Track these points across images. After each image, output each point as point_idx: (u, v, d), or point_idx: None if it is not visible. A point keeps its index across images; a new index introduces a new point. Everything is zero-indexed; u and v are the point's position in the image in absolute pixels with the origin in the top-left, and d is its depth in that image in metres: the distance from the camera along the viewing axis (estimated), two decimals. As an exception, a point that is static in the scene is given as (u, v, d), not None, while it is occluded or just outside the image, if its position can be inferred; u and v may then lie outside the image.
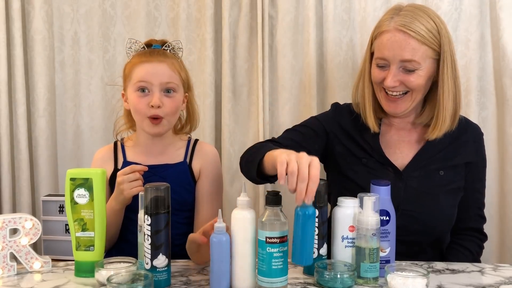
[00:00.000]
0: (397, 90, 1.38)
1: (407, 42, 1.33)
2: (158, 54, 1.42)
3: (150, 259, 1.11)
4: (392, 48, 1.35)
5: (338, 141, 1.49)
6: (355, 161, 1.45)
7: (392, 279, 1.11)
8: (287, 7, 1.96)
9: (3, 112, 2.00)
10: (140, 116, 1.41)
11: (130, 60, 1.44)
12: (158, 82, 1.38)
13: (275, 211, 1.08)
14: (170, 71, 1.41)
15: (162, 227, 1.11)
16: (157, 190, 1.11)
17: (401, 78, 1.36)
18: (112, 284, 1.05)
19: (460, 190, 1.44)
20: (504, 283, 1.17)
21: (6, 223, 1.22)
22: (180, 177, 1.45)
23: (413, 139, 1.47)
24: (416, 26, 1.34)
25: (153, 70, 1.39)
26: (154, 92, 1.38)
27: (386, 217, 1.19)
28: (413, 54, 1.33)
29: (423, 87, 1.38)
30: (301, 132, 1.49)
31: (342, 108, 1.56)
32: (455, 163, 1.43)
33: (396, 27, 1.35)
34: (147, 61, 1.40)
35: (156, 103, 1.37)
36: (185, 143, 1.51)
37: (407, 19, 1.35)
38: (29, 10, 2.02)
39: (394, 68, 1.36)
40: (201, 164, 1.47)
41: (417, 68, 1.35)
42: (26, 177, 2.03)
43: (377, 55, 1.39)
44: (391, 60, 1.36)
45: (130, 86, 1.41)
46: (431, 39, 1.35)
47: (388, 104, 1.41)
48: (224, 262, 1.08)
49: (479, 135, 1.50)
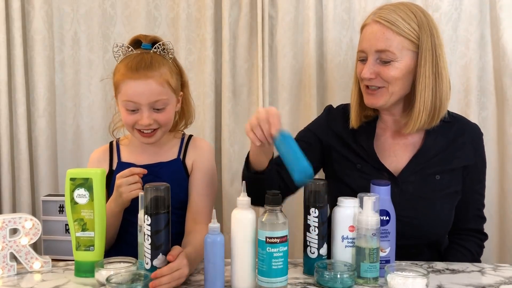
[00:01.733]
0: (374, 83, 1.38)
1: (382, 32, 1.35)
2: (145, 68, 1.33)
3: (150, 259, 1.11)
4: (369, 39, 1.37)
5: (333, 147, 1.49)
6: (350, 166, 1.45)
7: (392, 279, 1.11)
8: (287, 7, 1.96)
9: (3, 112, 2.00)
10: (129, 128, 1.39)
11: (118, 67, 1.39)
12: (146, 102, 1.33)
13: (275, 211, 1.08)
14: (159, 87, 1.34)
15: (162, 227, 1.11)
16: (157, 190, 1.10)
17: (377, 70, 1.36)
18: (111, 284, 1.05)
19: (457, 194, 1.43)
20: (504, 283, 1.17)
21: (6, 223, 1.22)
22: (174, 175, 1.43)
23: (408, 142, 1.45)
24: (392, 17, 1.35)
25: (140, 89, 1.32)
26: (143, 112, 1.34)
27: (386, 217, 1.19)
28: (387, 44, 1.34)
29: (400, 80, 1.37)
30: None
31: (335, 112, 1.55)
32: (452, 167, 1.42)
33: (374, 19, 1.38)
34: (133, 78, 1.32)
35: (145, 123, 1.34)
36: (179, 141, 1.49)
37: (386, 11, 1.37)
38: (29, 10, 2.02)
39: (371, 60, 1.37)
40: (194, 157, 1.45)
41: (392, 59, 1.35)
42: (26, 177, 2.03)
43: (358, 48, 1.42)
44: (368, 51, 1.37)
45: (119, 98, 1.38)
46: (408, 31, 1.34)
47: (367, 97, 1.41)
48: (218, 263, 1.08)
49: (478, 135, 1.48)
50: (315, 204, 1.18)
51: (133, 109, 1.35)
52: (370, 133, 1.46)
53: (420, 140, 1.45)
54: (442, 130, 1.43)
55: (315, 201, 1.18)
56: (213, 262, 1.08)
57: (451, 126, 1.45)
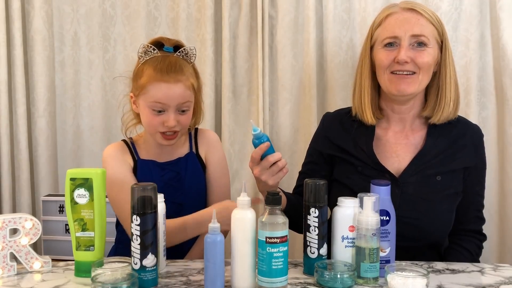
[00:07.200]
0: (407, 68, 1.38)
1: (417, 18, 1.39)
2: (175, 71, 1.37)
3: (139, 259, 1.11)
4: (402, 24, 1.39)
5: (333, 155, 1.50)
6: (351, 170, 1.45)
7: (392, 279, 1.11)
8: (287, 7, 1.96)
9: (3, 112, 2.00)
10: (152, 131, 1.41)
11: (142, 68, 1.40)
12: (175, 104, 1.37)
13: (275, 211, 1.08)
14: (186, 90, 1.39)
15: (150, 227, 1.11)
16: (144, 190, 1.11)
17: (411, 55, 1.38)
18: (96, 284, 1.05)
19: (458, 195, 1.43)
20: (504, 283, 1.17)
21: (6, 223, 1.22)
22: (192, 168, 1.49)
23: (410, 142, 1.45)
24: (422, 6, 1.42)
25: (170, 92, 1.36)
26: (169, 113, 1.37)
27: (386, 217, 1.19)
28: (422, 29, 1.38)
29: (430, 68, 1.41)
30: (305, 173, 1.55)
31: (330, 119, 1.56)
32: (453, 168, 1.42)
33: (404, 7, 1.42)
34: (164, 81, 1.36)
35: (172, 124, 1.37)
36: (187, 135, 1.54)
37: (413, 3, 1.42)
38: (29, 10, 2.02)
39: (405, 44, 1.38)
40: (206, 150, 1.53)
41: (427, 43, 1.39)
42: (26, 177, 2.03)
43: (386, 35, 1.41)
44: (402, 36, 1.38)
45: (144, 100, 1.39)
46: (437, 22, 1.41)
47: (398, 83, 1.39)
48: (218, 262, 1.08)
49: (479, 136, 1.48)
50: (315, 204, 1.18)
51: (159, 110, 1.38)
52: (369, 135, 1.46)
53: (421, 141, 1.45)
54: (444, 131, 1.43)
55: (315, 201, 1.18)
56: (213, 262, 1.08)
57: (453, 127, 1.45)
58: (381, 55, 1.41)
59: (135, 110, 1.47)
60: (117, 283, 1.08)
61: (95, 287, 1.05)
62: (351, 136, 1.47)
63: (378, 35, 1.44)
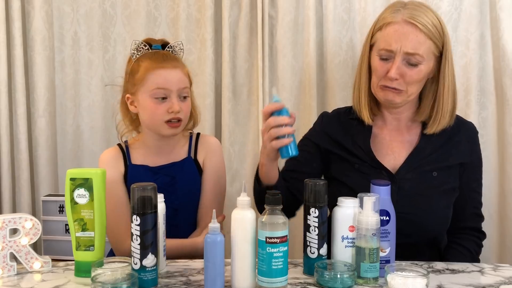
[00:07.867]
0: (395, 86, 1.38)
1: (415, 34, 1.35)
2: (171, 59, 1.43)
3: (139, 259, 1.11)
4: (399, 39, 1.36)
5: (330, 151, 1.50)
6: (349, 167, 1.46)
7: (392, 279, 1.11)
8: (287, 7, 1.96)
9: (3, 112, 2.00)
10: (157, 121, 1.42)
11: (140, 62, 1.43)
12: (176, 89, 1.41)
13: (275, 211, 1.08)
14: (184, 76, 1.44)
15: (150, 227, 1.11)
16: (144, 190, 1.11)
17: (403, 72, 1.37)
18: (96, 284, 1.06)
19: (454, 190, 1.44)
20: (504, 283, 1.17)
21: (6, 223, 1.22)
22: (187, 173, 1.48)
23: (405, 139, 1.47)
24: (423, 20, 1.36)
25: (169, 76, 1.40)
26: (172, 98, 1.40)
27: (386, 217, 1.19)
28: (417, 47, 1.35)
29: (419, 82, 1.40)
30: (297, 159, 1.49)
31: (330, 116, 1.57)
32: (449, 164, 1.43)
33: (405, 19, 1.36)
34: (162, 67, 1.40)
35: (177, 109, 1.40)
36: (188, 139, 1.53)
37: (415, 12, 1.37)
38: (29, 10, 2.02)
39: (398, 60, 1.36)
40: (205, 155, 1.52)
41: (420, 62, 1.36)
42: (26, 177, 2.03)
43: (382, 46, 1.39)
44: (397, 51, 1.36)
45: (144, 92, 1.41)
46: (436, 34, 1.37)
47: (386, 93, 1.40)
48: (218, 262, 1.08)
49: (474, 133, 1.50)
50: (315, 204, 1.18)
51: (163, 97, 1.40)
52: (366, 133, 1.47)
53: (416, 138, 1.46)
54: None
55: (315, 201, 1.18)
56: (213, 262, 1.08)
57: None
58: (377, 64, 1.41)
59: (133, 111, 1.47)
60: (117, 283, 1.08)
61: (95, 287, 1.05)
62: (349, 134, 1.48)
63: (377, 40, 1.42)
